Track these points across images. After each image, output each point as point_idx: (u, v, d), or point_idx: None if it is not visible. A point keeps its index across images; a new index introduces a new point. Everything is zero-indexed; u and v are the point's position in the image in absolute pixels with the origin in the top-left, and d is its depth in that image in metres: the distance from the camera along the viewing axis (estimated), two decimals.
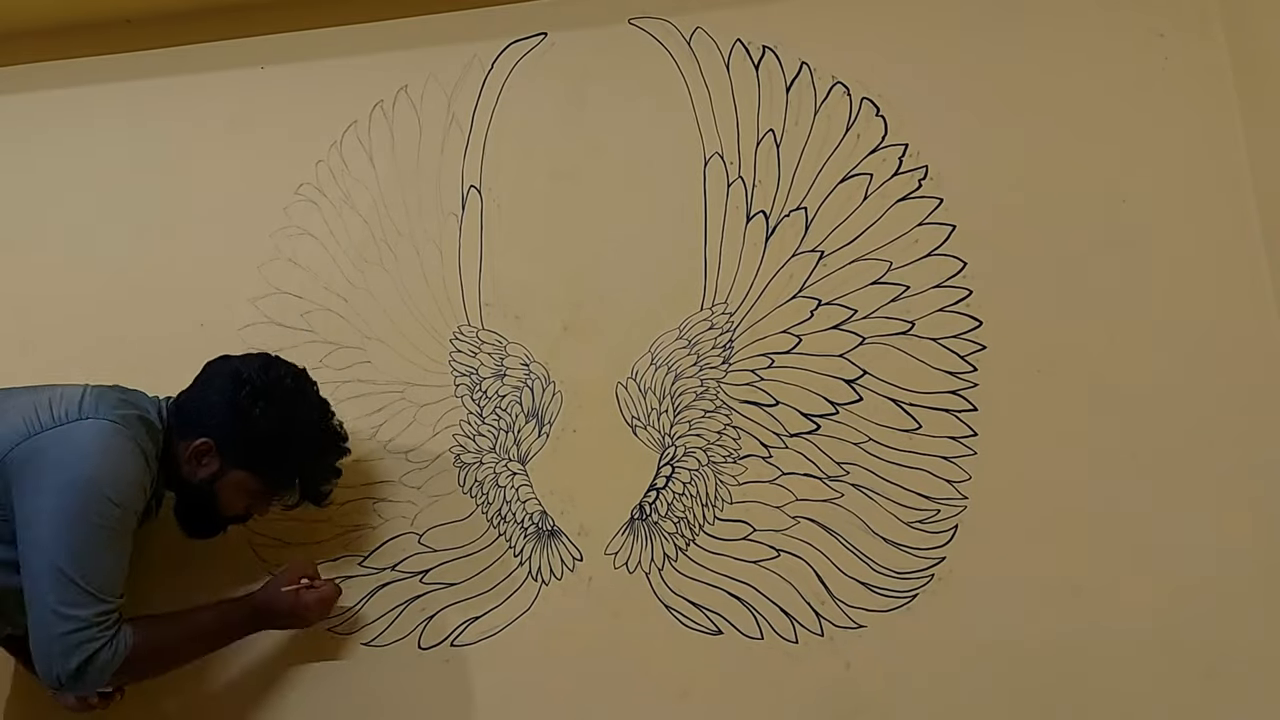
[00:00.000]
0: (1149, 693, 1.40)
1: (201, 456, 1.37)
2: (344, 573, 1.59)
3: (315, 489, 1.45)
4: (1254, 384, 1.45)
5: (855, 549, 1.49)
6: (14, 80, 1.84)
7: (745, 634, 1.50)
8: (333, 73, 1.74)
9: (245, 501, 1.42)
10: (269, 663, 1.58)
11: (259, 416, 1.37)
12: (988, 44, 1.58)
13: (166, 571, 1.56)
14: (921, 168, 1.56)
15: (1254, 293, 1.47)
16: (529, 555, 1.56)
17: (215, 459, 1.38)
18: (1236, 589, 1.41)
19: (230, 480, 1.39)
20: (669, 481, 1.55)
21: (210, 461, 1.38)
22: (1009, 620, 1.44)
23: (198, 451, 1.37)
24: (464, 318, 1.64)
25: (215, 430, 1.37)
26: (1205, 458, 1.44)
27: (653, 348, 1.58)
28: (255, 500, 1.43)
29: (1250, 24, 1.49)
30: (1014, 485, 1.47)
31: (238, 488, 1.40)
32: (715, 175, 1.61)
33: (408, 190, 1.68)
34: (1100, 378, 1.48)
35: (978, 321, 1.51)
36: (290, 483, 1.43)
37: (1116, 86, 1.54)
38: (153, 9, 1.78)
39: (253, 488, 1.40)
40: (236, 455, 1.38)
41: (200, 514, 1.43)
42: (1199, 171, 1.50)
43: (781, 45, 1.62)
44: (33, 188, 1.79)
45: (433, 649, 1.55)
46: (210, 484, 1.39)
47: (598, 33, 1.68)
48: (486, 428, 1.61)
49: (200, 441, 1.37)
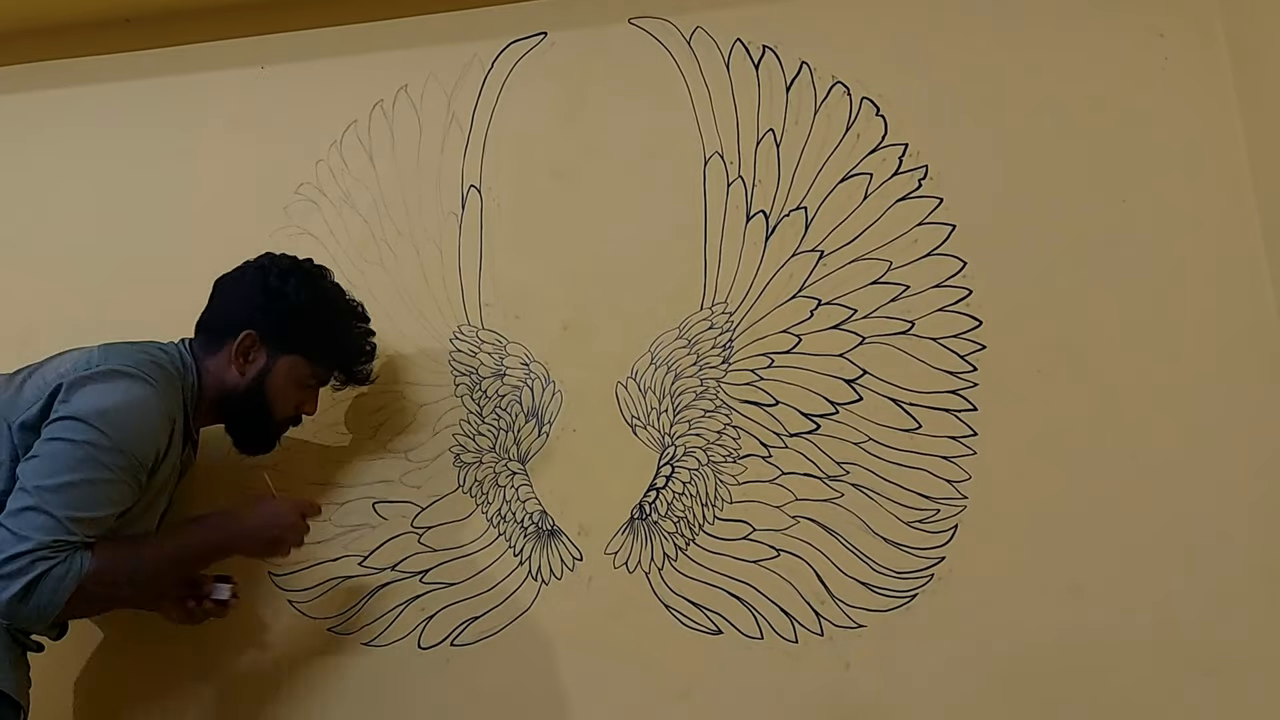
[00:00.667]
0: (1149, 693, 1.40)
1: (248, 352, 1.39)
2: (344, 573, 1.59)
3: (357, 361, 1.48)
4: (1254, 384, 1.45)
5: (855, 549, 1.49)
6: (14, 80, 1.84)
7: (745, 634, 1.50)
8: (333, 72, 1.75)
9: (296, 393, 1.44)
10: (269, 662, 1.58)
11: (294, 291, 1.41)
12: (988, 44, 1.58)
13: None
14: (921, 168, 1.56)
15: (1254, 293, 1.47)
16: (529, 555, 1.56)
17: (261, 350, 1.40)
18: (1236, 589, 1.41)
19: (279, 370, 1.41)
20: (669, 481, 1.55)
21: (257, 355, 1.40)
22: (1009, 620, 1.44)
23: (243, 348, 1.39)
24: (464, 317, 1.64)
25: (256, 320, 1.39)
26: (1205, 458, 1.44)
27: (653, 348, 1.58)
28: (306, 389, 1.45)
29: (1250, 24, 1.49)
30: (1014, 485, 1.47)
31: (288, 376, 1.41)
32: (715, 175, 1.61)
33: (408, 190, 1.68)
34: (1100, 378, 1.48)
35: (978, 321, 1.51)
36: (336, 356, 1.46)
37: (1116, 86, 1.54)
38: (153, 9, 1.78)
39: (302, 373, 1.43)
40: (282, 338, 1.40)
41: (255, 422, 1.43)
42: (1199, 171, 1.50)
43: (781, 45, 1.62)
44: (33, 187, 1.79)
45: (433, 649, 1.55)
46: (261, 381, 1.40)
47: (598, 33, 1.68)
48: (486, 427, 1.61)
49: (244, 335, 1.39)
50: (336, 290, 1.49)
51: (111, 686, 1.58)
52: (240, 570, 1.60)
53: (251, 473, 1.56)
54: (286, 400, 1.43)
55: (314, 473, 1.61)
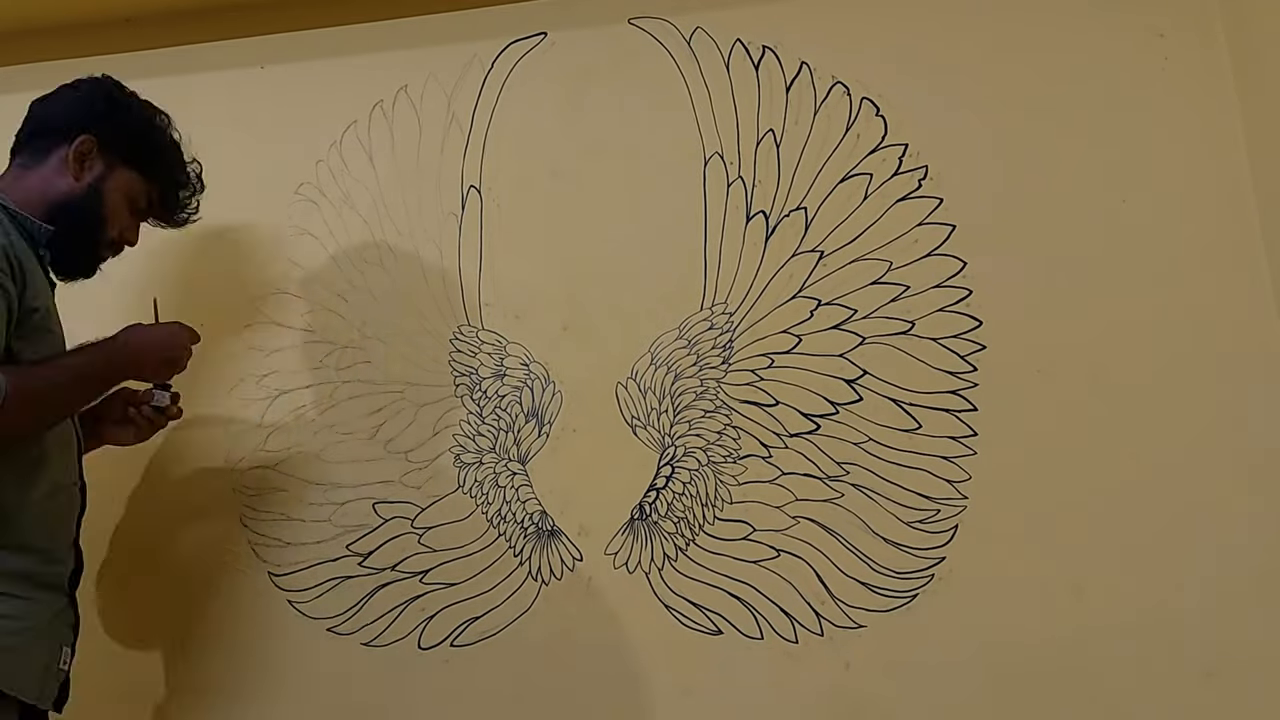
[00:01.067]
0: (1149, 693, 1.40)
1: (84, 158, 1.34)
2: (344, 573, 1.59)
3: (185, 191, 1.45)
4: (1254, 384, 1.45)
5: (855, 549, 1.49)
6: (14, 80, 1.83)
7: (745, 634, 1.50)
8: (333, 73, 1.74)
9: (126, 214, 1.39)
10: (269, 663, 1.58)
11: (136, 106, 1.39)
12: (988, 44, 1.58)
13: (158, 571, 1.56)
14: (921, 168, 1.56)
15: (1254, 293, 1.47)
16: (529, 555, 1.56)
17: (98, 158, 1.35)
18: (1236, 589, 1.41)
19: (116, 181, 1.36)
20: (669, 481, 1.55)
21: (94, 162, 1.35)
22: (1009, 620, 1.44)
23: (80, 153, 1.34)
24: (464, 318, 1.64)
25: (96, 127, 1.34)
26: (1205, 457, 1.44)
27: (653, 348, 1.58)
28: (133, 213, 1.40)
29: (1250, 24, 1.49)
30: (1014, 485, 1.47)
31: (123, 192, 1.37)
32: (715, 175, 1.61)
33: (408, 190, 1.68)
34: (1100, 378, 1.48)
35: (978, 321, 1.51)
36: (168, 181, 1.42)
37: (1116, 86, 1.54)
38: (153, 9, 1.78)
39: (136, 190, 1.39)
40: (120, 148, 1.36)
41: (86, 234, 1.35)
42: (1199, 171, 1.50)
43: (781, 45, 1.62)
44: None
45: (433, 649, 1.55)
46: (98, 188, 1.35)
47: (598, 33, 1.68)
48: (486, 428, 1.61)
49: (82, 139, 1.33)
50: (167, 122, 1.45)
51: (111, 687, 1.58)
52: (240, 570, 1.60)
53: None
54: (117, 217, 1.38)
55: (314, 473, 1.61)
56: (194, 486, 1.63)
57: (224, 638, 1.59)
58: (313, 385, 1.64)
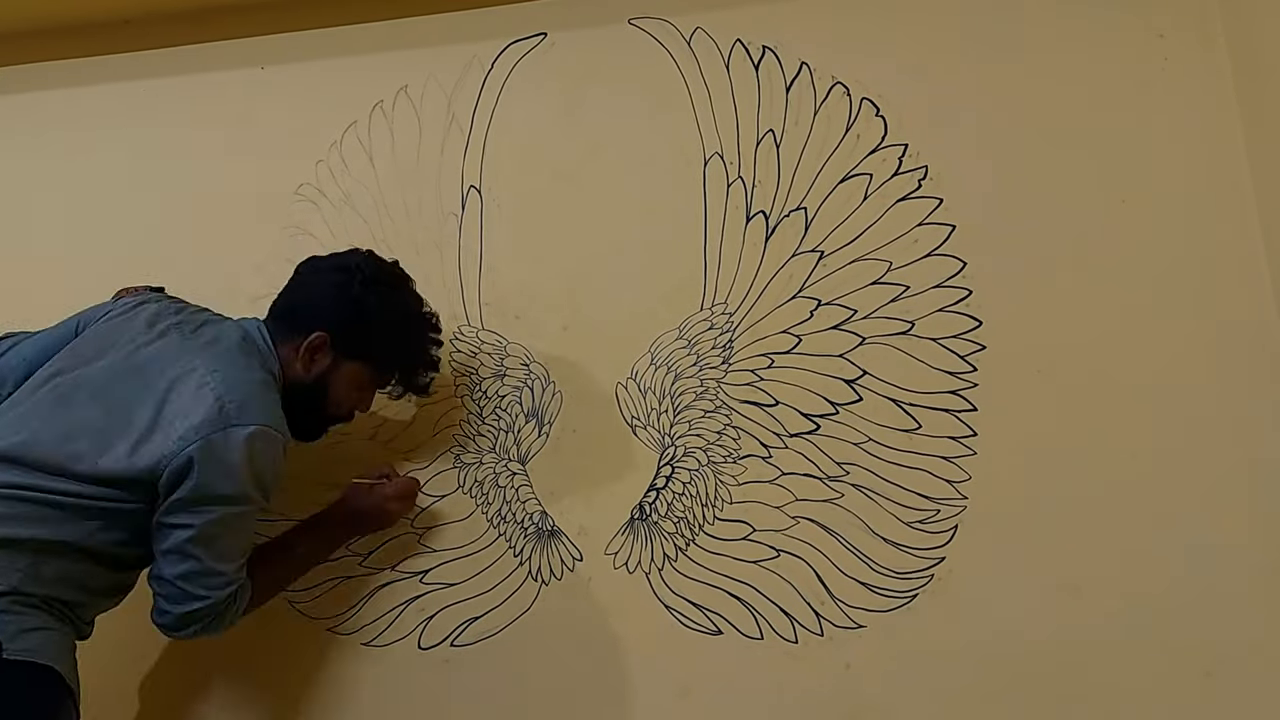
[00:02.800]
0: (1149, 692, 1.40)
1: (315, 352, 1.39)
2: (344, 573, 1.59)
3: (418, 378, 1.48)
4: (1254, 384, 1.45)
5: (855, 549, 1.49)
6: (14, 80, 1.84)
7: (745, 634, 1.50)
8: (333, 73, 1.75)
9: (354, 395, 1.45)
10: (270, 663, 1.58)
11: (372, 305, 1.40)
12: (987, 44, 1.58)
13: None
14: (921, 168, 1.56)
15: (1254, 293, 1.47)
16: (529, 555, 1.56)
17: (328, 353, 1.39)
18: (1236, 589, 1.41)
19: (342, 374, 1.41)
20: (669, 481, 1.55)
21: (323, 357, 1.39)
22: (1009, 620, 1.44)
23: (312, 348, 1.38)
24: (464, 318, 1.64)
25: (330, 323, 1.38)
26: (1205, 457, 1.44)
27: (653, 348, 1.58)
28: (363, 394, 1.46)
29: (1250, 24, 1.49)
30: (1014, 485, 1.47)
31: (349, 380, 1.42)
32: (715, 175, 1.61)
33: (408, 191, 1.68)
34: (1100, 378, 1.48)
35: (978, 321, 1.51)
36: (401, 370, 1.46)
37: (1116, 86, 1.54)
38: (153, 9, 1.78)
39: (364, 379, 1.43)
40: (350, 346, 1.40)
41: (310, 415, 1.42)
42: (1199, 171, 1.50)
43: (781, 45, 1.62)
44: (33, 188, 1.79)
45: (433, 649, 1.55)
46: (323, 380, 1.40)
47: (597, 33, 1.68)
48: (487, 428, 1.61)
49: (315, 336, 1.38)
50: (415, 304, 1.46)
51: (111, 687, 1.58)
52: None
53: None
54: (343, 401, 1.44)
55: (314, 473, 1.61)
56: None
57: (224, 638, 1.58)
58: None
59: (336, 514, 1.50)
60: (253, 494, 1.28)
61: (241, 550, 1.32)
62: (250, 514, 1.30)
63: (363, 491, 1.51)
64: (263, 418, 1.29)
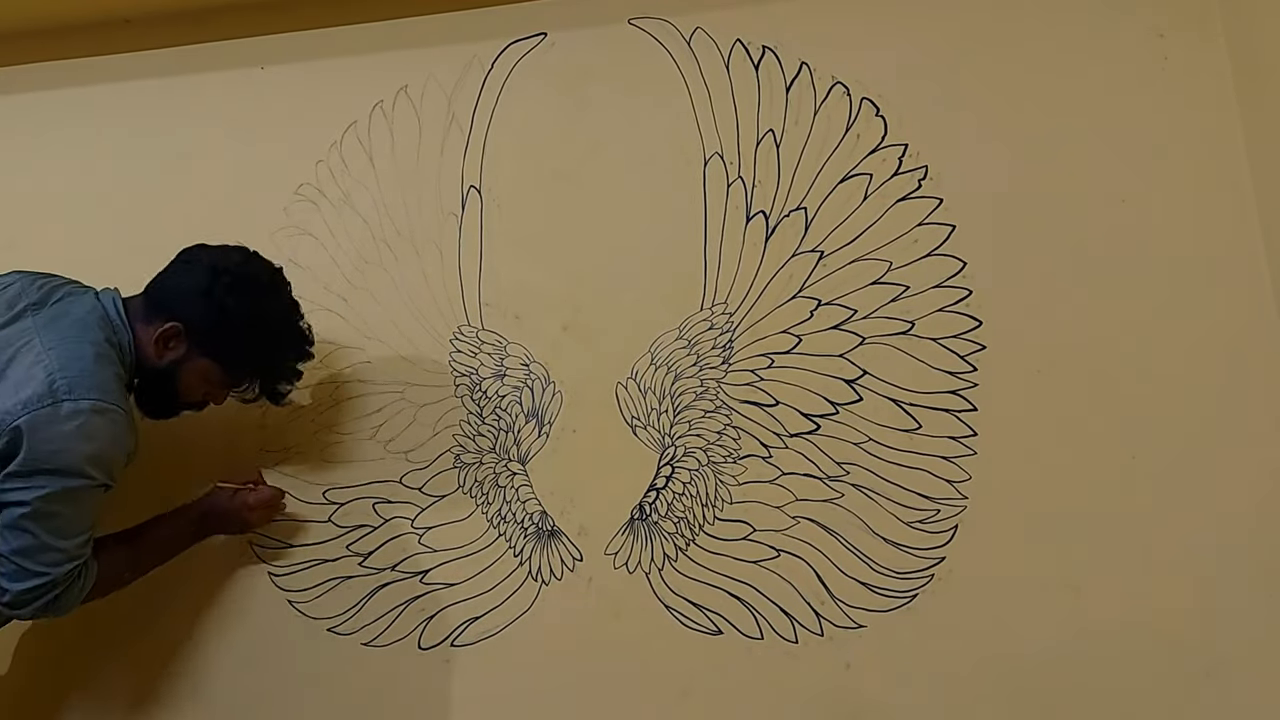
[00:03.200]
0: (1149, 693, 1.40)
1: (168, 340, 1.39)
2: (344, 573, 1.59)
3: (274, 387, 1.48)
4: (1254, 384, 1.45)
5: (855, 549, 1.49)
6: (14, 80, 1.84)
7: (745, 634, 1.50)
8: (333, 73, 1.74)
9: (204, 389, 1.45)
10: (269, 663, 1.58)
11: (232, 308, 1.39)
12: (987, 44, 1.58)
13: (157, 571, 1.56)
14: (921, 168, 1.56)
15: (1254, 293, 1.47)
16: (529, 555, 1.56)
17: (182, 344, 1.40)
18: (1236, 589, 1.41)
19: (194, 367, 1.41)
20: (669, 481, 1.55)
21: (176, 346, 1.40)
22: (1009, 620, 1.44)
23: (165, 336, 1.39)
24: (464, 318, 1.64)
25: (186, 316, 1.39)
26: (1205, 458, 1.44)
27: (653, 348, 1.58)
28: (214, 389, 1.46)
29: (1250, 24, 1.49)
30: (1014, 485, 1.47)
31: (200, 375, 1.42)
32: (715, 175, 1.61)
33: (408, 190, 1.68)
34: (1100, 378, 1.48)
35: (978, 321, 1.51)
36: (251, 377, 1.46)
37: (1116, 86, 1.54)
38: (153, 9, 1.78)
39: (214, 377, 1.43)
40: (203, 343, 1.40)
41: (159, 397, 1.44)
42: (1199, 171, 1.50)
43: (781, 45, 1.62)
44: (33, 188, 1.79)
45: (433, 649, 1.55)
46: (173, 369, 1.41)
47: (598, 33, 1.68)
48: (486, 428, 1.61)
49: (169, 326, 1.38)
50: (282, 314, 1.45)
51: (110, 687, 1.58)
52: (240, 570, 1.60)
53: None
54: (192, 391, 1.44)
55: (314, 473, 1.61)
56: (194, 487, 1.62)
57: (224, 638, 1.59)
58: (313, 385, 1.64)
59: (192, 512, 1.52)
60: (88, 470, 1.27)
61: (80, 528, 1.30)
62: (88, 491, 1.29)
63: (225, 495, 1.53)
64: (96, 393, 1.29)
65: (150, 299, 1.42)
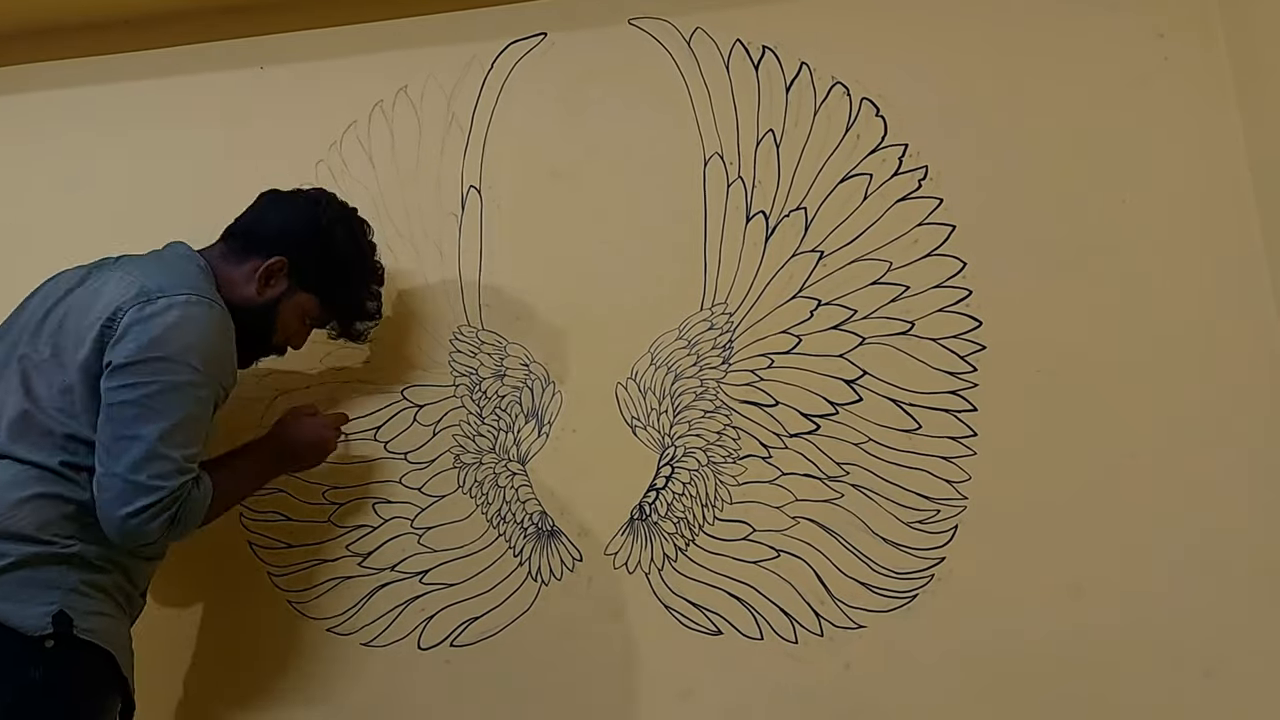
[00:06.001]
0: (1149, 693, 1.40)
1: (271, 276, 1.40)
2: (344, 573, 1.59)
3: (361, 321, 1.50)
4: (1254, 384, 1.45)
5: (855, 549, 1.49)
6: (14, 80, 1.84)
7: (745, 634, 1.50)
8: (332, 73, 1.74)
9: (297, 327, 1.46)
10: (269, 662, 1.58)
11: (339, 239, 1.43)
12: (987, 44, 1.58)
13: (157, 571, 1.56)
14: (921, 168, 1.56)
15: (1254, 293, 1.47)
16: (529, 555, 1.56)
17: (284, 279, 1.41)
18: (1236, 589, 1.41)
19: (294, 302, 1.43)
20: (669, 482, 1.55)
21: (279, 281, 1.41)
22: (1009, 620, 1.44)
23: (270, 270, 1.40)
24: (464, 318, 1.64)
25: (292, 249, 1.40)
26: (1205, 457, 1.44)
27: (652, 348, 1.58)
28: (304, 328, 1.47)
29: (1250, 24, 1.49)
30: (1014, 485, 1.47)
31: (298, 311, 1.44)
32: (715, 175, 1.61)
33: (407, 191, 1.68)
34: (1100, 378, 1.48)
35: (978, 321, 1.51)
36: (347, 310, 1.48)
37: (1116, 86, 1.54)
38: (153, 9, 1.78)
39: (311, 311, 1.45)
40: (307, 275, 1.42)
41: (252, 342, 1.42)
42: (1199, 171, 1.50)
43: (781, 45, 1.62)
44: (33, 189, 1.79)
45: (433, 649, 1.55)
46: (274, 306, 1.41)
47: (598, 33, 1.68)
48: (486, 428, 1.61)
49: (274, 260, 1.39)
50: (371, 250, 1.50)
51: None
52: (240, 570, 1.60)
53: None
54: (286, 330, 1.45)
55: (314, 473, 1.61)
56: None
57: (224, 638, 1.59)
58: (312, 385, 1.64)
59: (270, 440, 1.48)
60: (192, 360, 1.25)
61: (191, 437, 1.26)
62: (195, 389, 1.26)
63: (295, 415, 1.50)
64: (190, 290, 1.29)
65: (243, 239, 1.42)
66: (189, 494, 1.25)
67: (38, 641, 1.19)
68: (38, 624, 1.19)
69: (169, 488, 1.22)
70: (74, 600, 1.22)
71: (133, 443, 1.22)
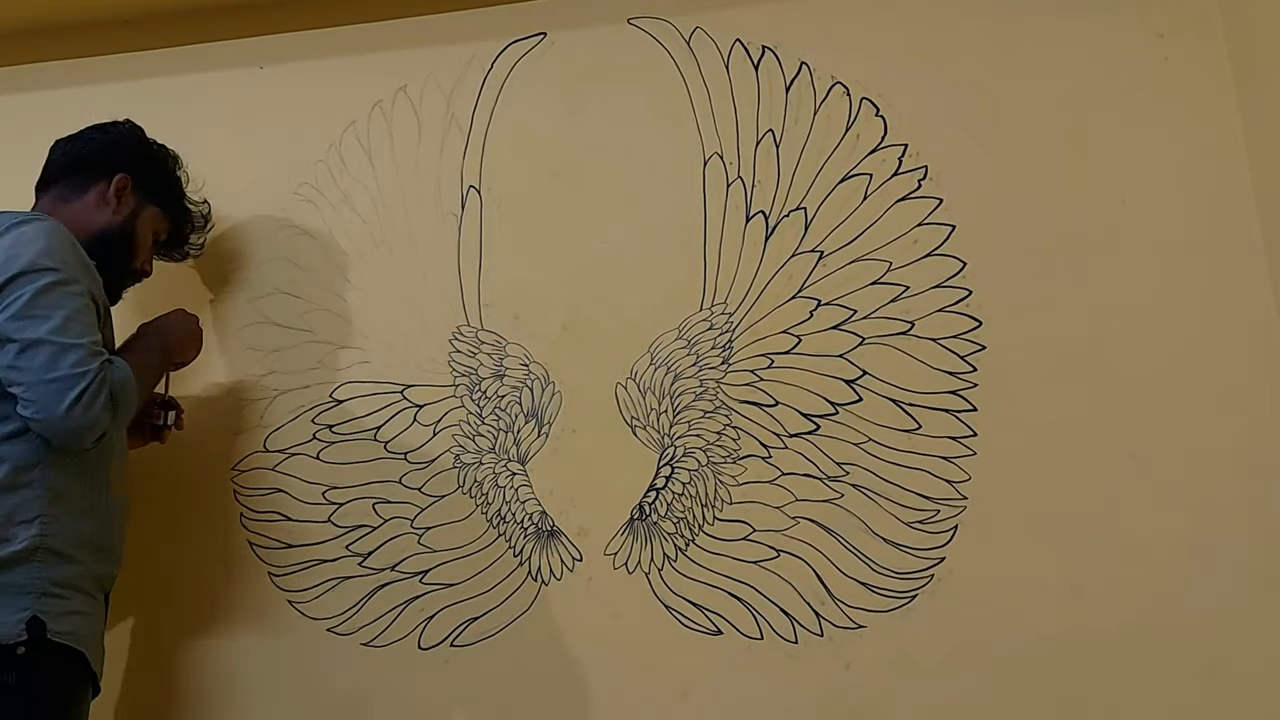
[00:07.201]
0: (1149, 693, 1.40)
1: (121, 193, 1.46)
2: (344, 573, 1.59)
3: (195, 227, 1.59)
4: (1253, 384, 1.45)
5: (855, 549, 1.49)
6: (14, 80, 1.84)
7: (745, 634, 1.50)
8: (332, 73, 1.74)
9: (151, 241, 1.52)
10: (268, 662, 1.58)
11: (159, 150, 1.55)
12: (987, 44, 1.58)
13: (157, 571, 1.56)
14: (921, 168, 1.56)
15: (1254, 293, 1.47)
16: (529, 555, 1.56)
17: (132, 195, 1.48)
18: (1236, 589, 1.41)
19: (146, 217, 1.50)
20: (669, 482, 1.55)
21: (128, 198, 1.47)
22: (1009, 620, 1.44)
23: (119, 189, 1.46)
24: (464, 318, 1.64)
25: (128, 163, 1.48)
26: (1205, 457, 1.44)
27: (652, 348, 1.58)
28: (156, 242, 1.54)
29: (1250, 24, 1.49)
30: (1014, 485, 1.47)
31: (150, 224, 1.51)
32: (715, 175, 1.61)
33: (407, 190, 1.68)
34: (1100, 378, 1.48)
35: (978, 321, 1.51)
36: (184, 217, 1.56)
37: (1116, 86, 1.54)
38: (153, 9, 1.78)
39: (159, 225, 1.53)
40: (151, 188, 1.50)
41: (119, 265, 1.46)
42: (1199, 171, 1.50)
43: (781, 45, 1.62)
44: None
45: (433, 649, 1.55)
46: (132, 222, 1.48)
47: (597, 33, 1.68)
48: (486, 428, 1.61)
49: (119, 177, 1.46)
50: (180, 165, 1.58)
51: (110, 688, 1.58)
52: (240, 570, 1.60)
53: None
54: (143, 249, 1.50)
55: (314, 473, 1.61)
56: (194, 487, 1.63)
57: (224, 638, 1.59)
58: (312, 385, 1.64)
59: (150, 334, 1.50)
60: (50, 264, 1.26)
61: (84, 327, 1.26)
62: (65, 286, 1.26)
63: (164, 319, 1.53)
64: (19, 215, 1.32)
65: (73, 172, 1.46)
66: (112, 374, 1.27)
67: (10, 648, 1.20)
68: (12, 631, 1.20)
69: (92, 369, 1.24)
70: (46, 604, 1.23)
71: (36, 347, 1.23)
